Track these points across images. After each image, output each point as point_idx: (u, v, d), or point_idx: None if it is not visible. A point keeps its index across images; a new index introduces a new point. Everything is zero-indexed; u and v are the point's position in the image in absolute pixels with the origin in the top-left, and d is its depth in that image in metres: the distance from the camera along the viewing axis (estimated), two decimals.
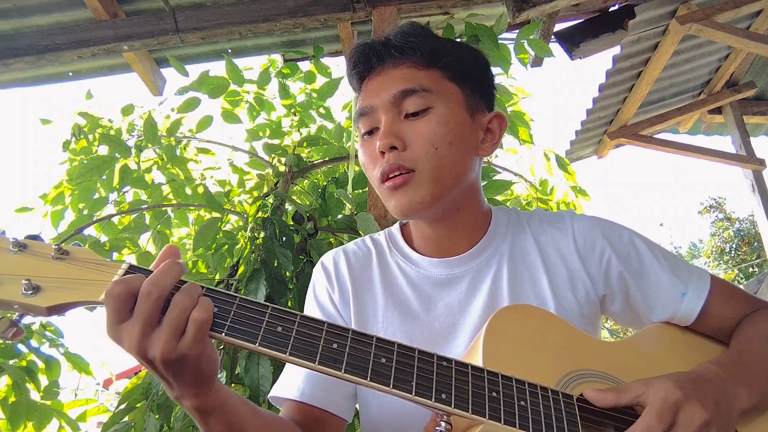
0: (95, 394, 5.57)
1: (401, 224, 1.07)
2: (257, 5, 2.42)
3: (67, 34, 2.45)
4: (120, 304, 0.63)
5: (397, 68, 0.93)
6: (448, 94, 0.92)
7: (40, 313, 0.64)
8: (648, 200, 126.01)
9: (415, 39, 0.94)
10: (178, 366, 0.64)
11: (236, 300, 0.67)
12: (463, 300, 0.92)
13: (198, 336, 0.63)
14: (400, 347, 0.68)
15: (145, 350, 0.63)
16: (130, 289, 0.63)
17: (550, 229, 0.98)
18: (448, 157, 0.89)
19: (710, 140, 4.39)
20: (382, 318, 0.94)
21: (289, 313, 0.67)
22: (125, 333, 0.63)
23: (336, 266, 1.01)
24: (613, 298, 0.95)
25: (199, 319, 0.63)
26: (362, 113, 0.94)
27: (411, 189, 0.87)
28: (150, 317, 0.63)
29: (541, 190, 3.18)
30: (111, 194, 2.74)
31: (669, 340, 0.91)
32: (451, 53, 0.95)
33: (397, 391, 0.65)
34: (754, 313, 0.92)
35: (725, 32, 2.83)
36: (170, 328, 0.63)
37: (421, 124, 0.89)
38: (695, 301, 0.90)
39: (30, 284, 0.64)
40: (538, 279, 0.93)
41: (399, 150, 0.87)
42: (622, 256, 0.94)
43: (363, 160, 0.96)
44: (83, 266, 0.67)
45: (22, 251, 0.66)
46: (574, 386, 0.75)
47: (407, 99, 0.90)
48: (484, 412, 0.66)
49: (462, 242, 0.95)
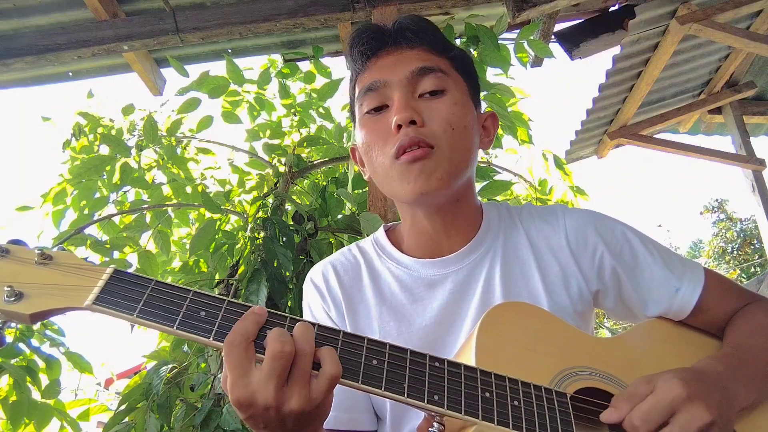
0: (95, 394, 5.57)
1: (386, 229, 1.05)
2: (257, 5, 2.42)
3: (67, 34, 2.45)
4: (246, 352, 0.61)
5: (413, 49, 0.94)
6: (459, 83, 0.94)
7: (23, 320, 0.62)
8: (648, 200, 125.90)
9: (428, 26, 0.96)
10: (310, 416, 0.63)
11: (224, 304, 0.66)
12: (457, 299, 0.92)
13: (331, 386, 0.62)
14: (392, 348, 0.68)
15: (282, 404, 0.60)
16: (250, 335, 0.62)
17: (542, 223, 0.97)
18: (463, 140, 0.89)
19: (710, 140, 4.38)
20: (378, 327, 0.93)
21: (280, 316, 0.66)
22: (258, 388, 0.60)
23: (326, 281, 0.98)
24: (606, 293, 0.94)
25: (333, 374, 0.62)
26: (371, 88, 0.91)
27: (430, 164, 0.85)
28: (285, 369, 0.61)
29: (540, 190, 3.18)
30: (112, 194, 2.74)
31: (662, 335, 0.91)
32: (457, 49, 0.98)
33: (389, 394, 0.64)
34: (747, 306, 0.92)
35: (725, 32, 2.83)
36: (302, 377, 0.61)
37: (438, 104, 0.89)
38: (689, 296, 0.90)
39: (12, 291, 0.61)
40: (530, 276, 0.92)
41: (417, 125, 0.86)
42: (615, 251, 0.93)
43: (368, 138, 0.91)
44: (67, 271, 0.65)
45: (4, 257, 0.65)
46: (568, 384, 0.75)
47: (425, 77, 0.90)
48: (477, 413, 0.66)
49: (455, 238, 0.95)
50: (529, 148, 3.18)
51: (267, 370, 0.60)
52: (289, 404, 0.60)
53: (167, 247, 2.61)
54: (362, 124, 0.94)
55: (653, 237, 0.97)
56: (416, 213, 0.95)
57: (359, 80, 0.97)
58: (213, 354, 1.97)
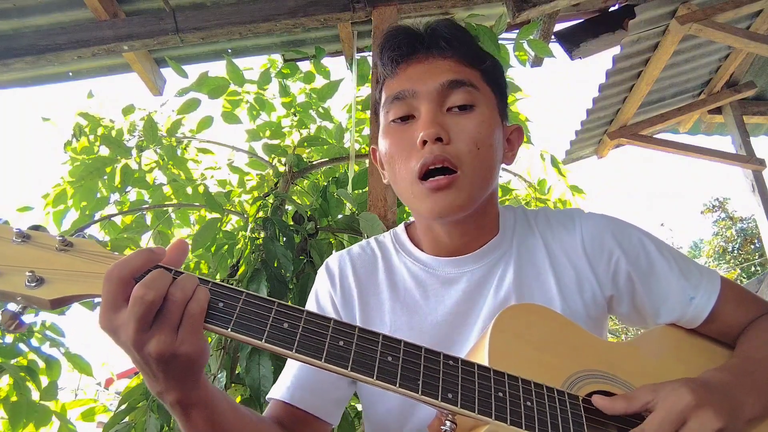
0: (95, 394, 5.58)
1: (406, 225, 1.05)
2: (257, 5, 2.42)
3: (67, 34, 2.45)
4: (119, 290, 0.61)
5: (445, 59, 0.91)
6: (489, 97, 0.92)
7: (43, 306, 0.63)
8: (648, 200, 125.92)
9: (462, 34, 0.93)
10: (173, 360, 0.63)
11: (242, 295, 0.66)
12: (472, 298, 0.92)
13: (192, 328, 0.63)
14: (406, 345, 0.68)
15: (141, 345, 0.62)
16: (131, 272, 0.62)
17: (558, 228, 0.97)
18: (487, 160, 0.87)
19: (710, 140, 4.38)
20: (389, 320, 0.93)
21: (296, 309, 0.66)
22: (121, 325, 0.62)
23: (341, 271, 0.99)
24: (621, 299, 0.93)
25: (192, 312, 0.62)
26: (398, 97, 0.89)
27: (453, 192, 0.84)
28: (151, 307, 0.61)
29: (539, 190, 3.19)
30: (113, 195, 2.75)
31: (674, 343, 0.90)
32: (489, 58, 0.95)
33: (404, 390, 0.64)
34: (762, 317, 0.91)
35: (725, 32, 2.83)
36: (170, 320, 0.62)
37: (466, 121, 0.86)
38: (703, 305, 0.89)
39: (34, 276, 0.62)
40: (545, 279, 0.92)
41: (443, 143, 0.84)
42: (631, 257, 0.92)
43: (392, 149, 0.90)
44: (88, 258, 0.65)
45: (26, 242, 0.65)
46: (580, 387, 0.75)
47: (455, 91, 0.87)
48: (491, 413, 0.66)
49: (472, 243, 0.94)
50: (528, 149, 3.19)
51: (128, 313, 0.61)
52: (148, 347, 0.61)
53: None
54: (387, 133, 0.92)
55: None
56: (433, 225, 0.94)
57: (387, 86, 0.95)
58: (213, 354, 1.97)
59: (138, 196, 2.82)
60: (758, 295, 0.99)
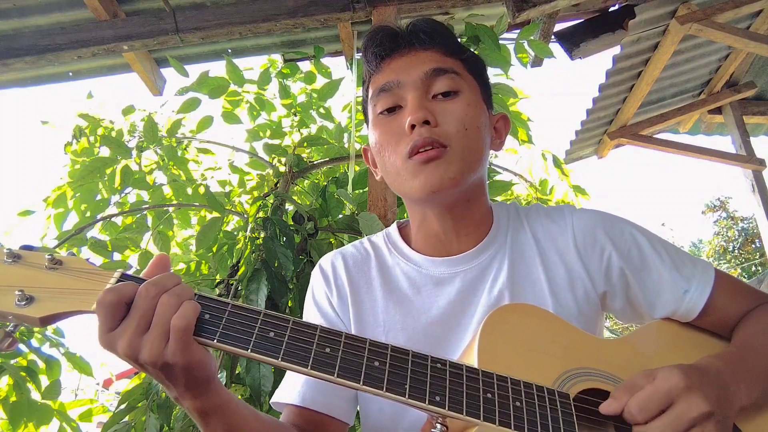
0: (95, 394, 5.57)
1: (399, 225, 1.06)
2: (257, 5, 2.43)
3: (67, 34, 2.45)
4: (111, 313, 0.64)
5: (426, 51, 0.94)
6: (472, 85, 0.95)
7: (33, 323, 0.65)
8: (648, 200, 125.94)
9: (441, 28, 0.97)
10: (169, 371, 0.65)
11: (228, 306, 0.68)
12: (464, 298, 0.92)
13: (180, 343, 0.64)
14: (393, 350, 0.68)
15: (136, 354, 0.64)
16: (120, 298, 0.64)
17: (548, 223, 0.97)
18: (476, 140, 0.90)
19: (710, 140, 4.36)
20: (382, 320, 0.93)
21: (282, 318, 0.68)
22: (117, 339, 0.64)
23: (334, 270, 1.00)
24: (614, 294, 0.93)
25: (177, 327, 0.63)
26: (384, 89, 0.92)
27: (443, 164, 0.86)
28: (141, 321, 0.64)
29: (540, 190, 3.18)
30: (113, 196, 2.75)
31: (669, 337, 0.90)
32: (470, 51, 0.99)
33: (390, 395, 0.65)
34: (757, 308, 0.91)
35: (725, 32, 2.83)
36: (155, 331, 0.63)
37: (452, 105, 0.89)
38: (698, 298, 0.89)
39: (23, 295, 0.64)
40: (536, 278, 0.92)
41: (431, 125, 0.87)
42: (623, 252, 0.92)
43: (382, 138, 0.92)
44: (76, 276, 0.67)
45: (16, 262, 0.67)
46: (572, 385, 0.75)
47: (438, 78, 0.91)
48: (479, 414, 0.66)
49: (465, 239, 0.95)
50: (529, 149, 3.19)
51: (127, 318, 0.64)
52: (142, 355, 0.63)
53: (167, 249, 2.62)
54: (375, 125, 0.94)
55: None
56: (426, 213, 0.95)
57: (373, 81, 0.97)
58: (213, 353, 1.97)
59: (137, 198, 2.81)
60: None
